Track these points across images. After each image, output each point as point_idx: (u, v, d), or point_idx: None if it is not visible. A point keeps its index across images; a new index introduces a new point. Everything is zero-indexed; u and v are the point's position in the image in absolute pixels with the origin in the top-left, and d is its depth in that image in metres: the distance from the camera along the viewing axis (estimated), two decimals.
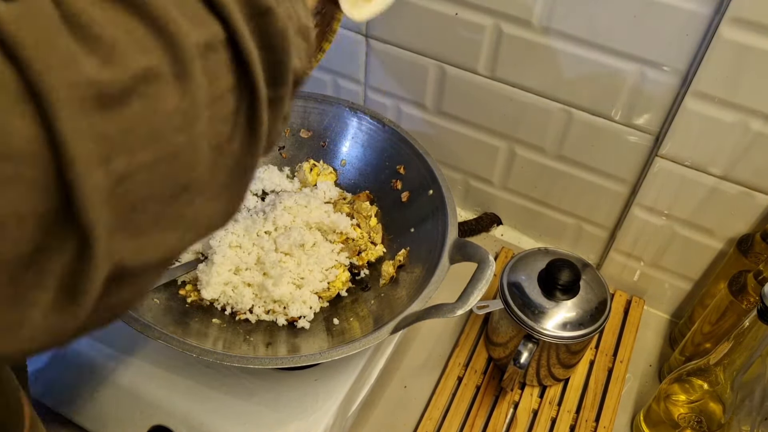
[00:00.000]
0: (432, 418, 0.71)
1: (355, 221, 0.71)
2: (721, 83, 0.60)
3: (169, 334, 0.55)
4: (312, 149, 0.77)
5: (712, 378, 0.60)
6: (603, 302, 0.67)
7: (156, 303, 0.62)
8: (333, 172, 0.76)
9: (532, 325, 0.65)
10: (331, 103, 0.75)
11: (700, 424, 0.62)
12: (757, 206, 0.67)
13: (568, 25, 0.65)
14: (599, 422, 0.71)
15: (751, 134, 0.62)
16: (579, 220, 0.83)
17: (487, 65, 0.73)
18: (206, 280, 0.63)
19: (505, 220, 0.90)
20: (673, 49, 0.62)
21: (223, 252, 0.64)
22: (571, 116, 0.72)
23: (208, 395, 0.60)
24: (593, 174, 0.76)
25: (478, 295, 0.55)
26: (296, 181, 0.75)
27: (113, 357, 0.62)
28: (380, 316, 0.62)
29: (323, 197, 0.72)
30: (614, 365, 0.76)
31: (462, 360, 0.76)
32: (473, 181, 0.87)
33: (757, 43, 0.57)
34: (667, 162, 0.69)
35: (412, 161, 0.71)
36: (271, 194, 0.73)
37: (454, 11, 0.70)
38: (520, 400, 0.73)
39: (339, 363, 0.63)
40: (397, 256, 0.68)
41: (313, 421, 0.59)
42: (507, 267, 0.69)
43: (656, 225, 0.75)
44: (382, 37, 0.77)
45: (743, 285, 0.64)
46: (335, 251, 0.68)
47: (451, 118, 0.81)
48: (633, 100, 0.67)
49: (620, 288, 0.84)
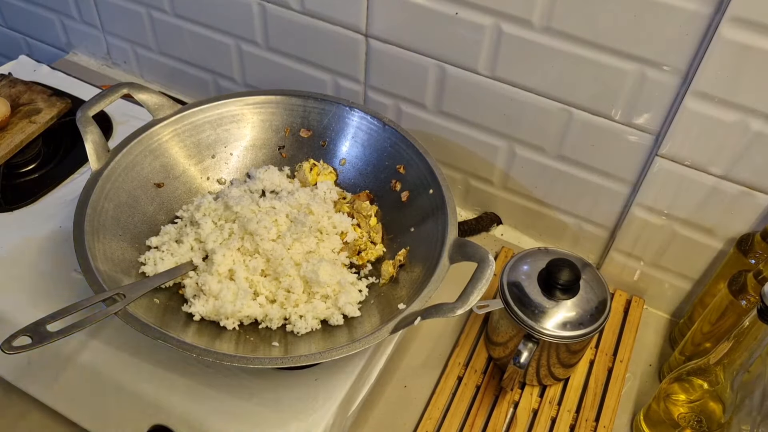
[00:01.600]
0: (432, 418, 0.71)
1: (355, 221, 0.71)
2: (721, 83, 0.60)
3: (169, 334, 0.55)
4: (312, 149, 0.77)
5: (712, 378, 0.60)
6: (603, 302, 0.67)
7: (156, 303, 0.62)
8: (333, 172, 0.76)
9: (532, 325, 0.65)
10: (331, 103, 0.75)
11: (700, 424, 0.62)
12: (757, 206, 0.67)
13: (568, 24, 0.65)
14: (599, 422, 0.71)
15: (751, 134, 0.62)
16: (579, 220, 0.82)
17: (487, 65, 0.73)
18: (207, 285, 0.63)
19: (505, 220, 0.90)
20: (673, 49, 0.62)
21: (222, 253, 0.64)
22: (571, 116, 0.72)
23: (208, 395, 0.60)
24: (593, 174, 0.76)
25: (478, 294, 0.55)
26: (296, 181, 0.75)
27: (113, 357, 0.62)
28: (380, 316, 0.62)
29: (323, 197, 0.72)
30: (614, 365, 0.76)
31: (462, 359, 0.76)
32: (473, 181, 0.87)
33: (757, 43, 0.57)
34: (667, 162, 0.69)
35: (412, 161, 0.71)
36: (271, 194, 0.73)
37: (454, 11, 0.70)
38: (520, 400, 0.73)
39: (339, 363, 0.63)
40: (397, 256, 0.68)
41: (313, 421, 0.59)
42: (507, 267, 0.69)
43: (656, 225, 0.75)
44: (382, 37, 0.77)
45: (743, 285, 0.64)
46: (335, 250, 0.68)
47: (451, 118, 0.81)
48: (633, 100, 0.67)
49: (620, 288, 0.84)
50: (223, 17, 0.88)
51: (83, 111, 0.67)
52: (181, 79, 1.02)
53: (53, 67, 0.95)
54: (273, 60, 0.89)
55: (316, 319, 0.62)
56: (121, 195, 0.67)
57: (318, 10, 0.79)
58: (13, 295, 0.67)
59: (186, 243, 0.67)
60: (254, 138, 0.76)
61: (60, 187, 0.78)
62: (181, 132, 0.73)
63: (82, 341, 0.63)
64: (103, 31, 1.04)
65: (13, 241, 0.71)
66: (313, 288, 0.63)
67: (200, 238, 0.67)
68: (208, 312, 0.62)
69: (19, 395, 0.70)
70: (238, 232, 0.66)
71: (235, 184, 0.74)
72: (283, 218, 0.68)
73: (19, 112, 0.82)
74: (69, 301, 0.65)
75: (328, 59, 0.84)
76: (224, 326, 0.61)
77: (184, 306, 0.62)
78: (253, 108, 0.75)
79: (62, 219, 0.74)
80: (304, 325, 0.61)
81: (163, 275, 0.63)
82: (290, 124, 0.76)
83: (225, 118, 0.75)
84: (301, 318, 0.62)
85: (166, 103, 0.72)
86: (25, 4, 1.08)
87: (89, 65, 1.10)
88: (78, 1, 1.01)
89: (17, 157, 0.79)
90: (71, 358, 0.63)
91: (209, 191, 0.74)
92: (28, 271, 0.69)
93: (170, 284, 0.64)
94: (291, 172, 0.76)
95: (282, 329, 0.63)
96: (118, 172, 0.67)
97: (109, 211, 0.65)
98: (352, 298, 0.64)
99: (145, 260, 0.65)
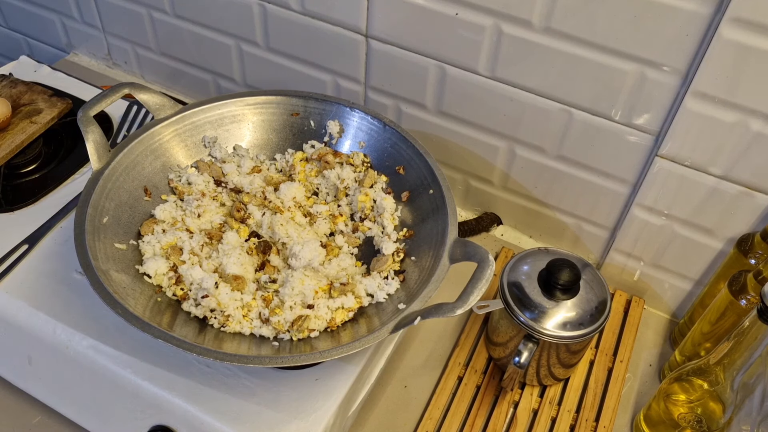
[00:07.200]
0: (432, 418, 0.71)
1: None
2: (721, 83, 0.60)
3: (170, 334, 0.55)
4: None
5: (712, 378, 0.60)
6: (603, 302, 0.67)
7: (157, 302, 0.62)
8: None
9: (532, 325, 0.65)
10: (332, 103, 0.75)
11: (700, 424, 0.62)
12: (757, 206, 0.67)
13: (568, 25, 0.65)
14: (599, 422, 0.71)
15: (751, 134, 0.62)
16: (579, 220, 0.83)
17: (487, 65, 0.73)
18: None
19: (505, 220, 0.90)
20: (673, 49, 0.62)
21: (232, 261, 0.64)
22: (571, 116, 0.72)
23: (208, 395, 0.60)
24: (593, 174, 0.76)
25: (478, 294, 0.55)
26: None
27: (113, 357, 0.62)
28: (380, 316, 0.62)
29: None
30: (614, 365, 0.76)
31: (462, 360, 0.76)
32: (473, 181, 0.87)
33: (757, 43, 0.57)
34: (667, 162, 0.69)
35: (413, 161, 0.71)
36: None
37: (454, 11, 0.70)
38: (520, 400, 0.73)
39: (339, 363, 0.63)
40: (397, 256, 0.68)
41: (313, 421, 0.59)
42: (507, 267, 0.69)
43: (656, 225, 0.75)
44: (382, 37, 0.77)
45: (743, 285, 0.64)
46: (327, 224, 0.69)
47: (451, 118, 0.81)
48: (633, 100, 0.67)
49: (620, 288, 0.84)
50: (223, 18, 0.88)
51: (84, 111, 0.67)
52: (181, 79, 1.02)
53: (54, 68, 0.95)
54: (273, 60, 0.89)
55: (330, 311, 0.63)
56: (122, 195, 0.67)
57: (318, 11, 0.79)
58: (14, 295, 0.67)
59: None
60: (254, 138, 0.76)
61: (60, 187, 0.78)
62: (182, 132, 0.73)
63: (83, 341, 0.63)
64: (103, 32, 1.04)
65: (13, 241, 0.71)
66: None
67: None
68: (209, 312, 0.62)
69: (19, 395, 0.71)
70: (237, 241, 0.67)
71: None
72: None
73: (19, 112, 0.82)
74: (70, 302, 0.65)
75: (328, 60, 0.84)
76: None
77: (184, 304, 0.62)
78: (254, 108, 0.75)
79: (63, 219, 0.74)
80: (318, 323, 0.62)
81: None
82: (290, 125, 0.76)
83: (226, 119, 0.75)
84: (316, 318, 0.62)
85: (167, 103, 0.72)
86: (26, 5, 1.08)
87: (90, 66, 1.11)
88: (79, 2, 1.02)
89: (18, 157, 0.79)
90: (71, 358, 0.64)
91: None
92: (29, 271, 0.69)
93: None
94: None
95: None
96: (119, 172, 0.67)
97: (110, 211, 0.65)
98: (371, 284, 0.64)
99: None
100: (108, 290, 0.57)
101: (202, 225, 0.69)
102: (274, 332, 0.61)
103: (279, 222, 0.67)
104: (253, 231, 0.68)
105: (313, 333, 0.60)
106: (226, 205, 0.71)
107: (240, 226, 0.68)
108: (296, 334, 0.60)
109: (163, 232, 0.67)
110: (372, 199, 0.70)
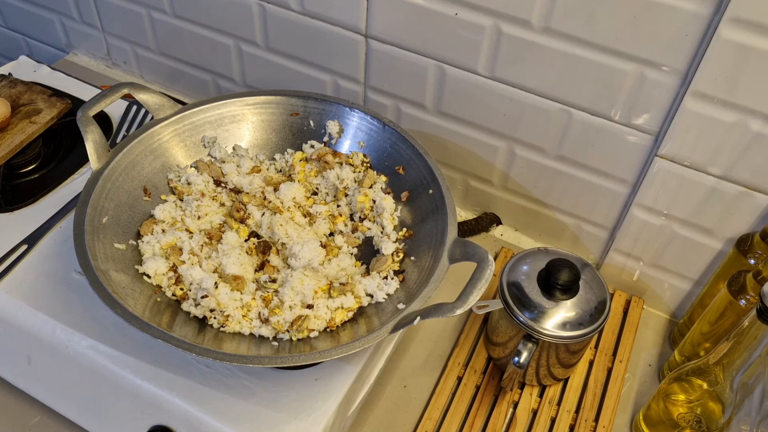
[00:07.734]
0: (432, 418, 0.71)
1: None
2: (721, 83, 0.60)
3: (169, 334, 0.55)
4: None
5: (711, 378, 0.60)
6: (602, 302, 0.67)
7: (157, 302, 0.62)
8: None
9: (531, 325, 0.65)
10: (331, 103, 0.75)
11: (700, 424, 0.62)
12: (757, 206, 0.67)
13: (567, 25, 0.65)
14: (599, 422, 0.71)
15: (751, 134, 0.62)
16: (578, 220, 0.83)
17: (487, 65, 0.73)
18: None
19: (505, 220, 0.90)
20: (672, 49, 0.62)
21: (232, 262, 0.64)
22: (571, 116, 0.72)
23: (208, 395, 0.60)
24: (593, 174, 0.76)
25: (478, 294, 0.55)
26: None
27: (113, 357, 0.62)
28: (380, 316, 0.62)
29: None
30: (614, 365, 0.76)
31: (462, 360, 0.76)
32: (473, 181, 0.87)
33: (757, 43, 0.57)
34: (667, 162, 0.69)
35: (412, 161, 0.71)
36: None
37: (454, 11, 0.70)
38: (520, 400, 0.73)
39: (338, 363, 0.63)
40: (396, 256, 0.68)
41: (313, 421, 0.59)
42: (507, 267, 0.69)
43: (656, 225, 0.75)
44: (382, 37, 0.77)
45: (743, 285, 0.64)
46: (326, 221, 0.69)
47: (450, 118, 0.81)
48: (632, 100, 0.67)
49: (620, 288, 0.84)
50: (223, 18, 0.88)
51: (84, 111, 0.67)
52: (181, 79, 1.02)
53: (53, 68, 0.95)
54: (273, 60, 0.89)
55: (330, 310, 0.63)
56: (122, 195, 0.67)
57: (318, 11, 0.79)
58: (13, 295, 0.67)
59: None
60: (254, 138, 0.76)
61: (60, 187, 0.78)
62: (182, 132, 0.73)
63: (82, 341, 0.63)
64: (103, 32, 1.04)
65: (12, 241, 0.71)
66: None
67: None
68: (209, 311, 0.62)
69: (19, 395, 0.71)
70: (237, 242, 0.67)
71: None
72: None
73: (19, 112, 0.82)
74: (69, 302, 0.65)
75: (327, 60, 0.84)
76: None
77: (184, 304, 0.62)
78: (254, 108, 0.75)
79: (62, 219, 0.74)
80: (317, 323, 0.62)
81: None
82: (290, 125, 0.76)
83: (225, 119, 0.75)
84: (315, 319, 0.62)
85: (166, 103, 0.72)
86: (26, 5, 1.08)
87: (89, 66, 1.10)
88: (78, 2, 1.02)
89: (17, 157, 0.79)
90: (71, 358, 0.63)
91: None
92: (29, 271, 0.68)
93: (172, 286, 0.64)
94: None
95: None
96: (119, 172, 0.67)
97: (109, 211, 0.65)
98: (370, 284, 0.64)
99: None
100: (107, 290, 0.57)
101: (201, 225, 0.69)
102: (274, 332, 0.61)
103: (278, 222, 0.67)
104: (253, 231, 0.68)
105: (312, 333, 0.60)
106: (226, 205, 0.71)
107: (239, 226, 0.68)
108: (296, 334, 0.60)
109: (163, 232, 0.67)
110: (371, 199, 0.70)
